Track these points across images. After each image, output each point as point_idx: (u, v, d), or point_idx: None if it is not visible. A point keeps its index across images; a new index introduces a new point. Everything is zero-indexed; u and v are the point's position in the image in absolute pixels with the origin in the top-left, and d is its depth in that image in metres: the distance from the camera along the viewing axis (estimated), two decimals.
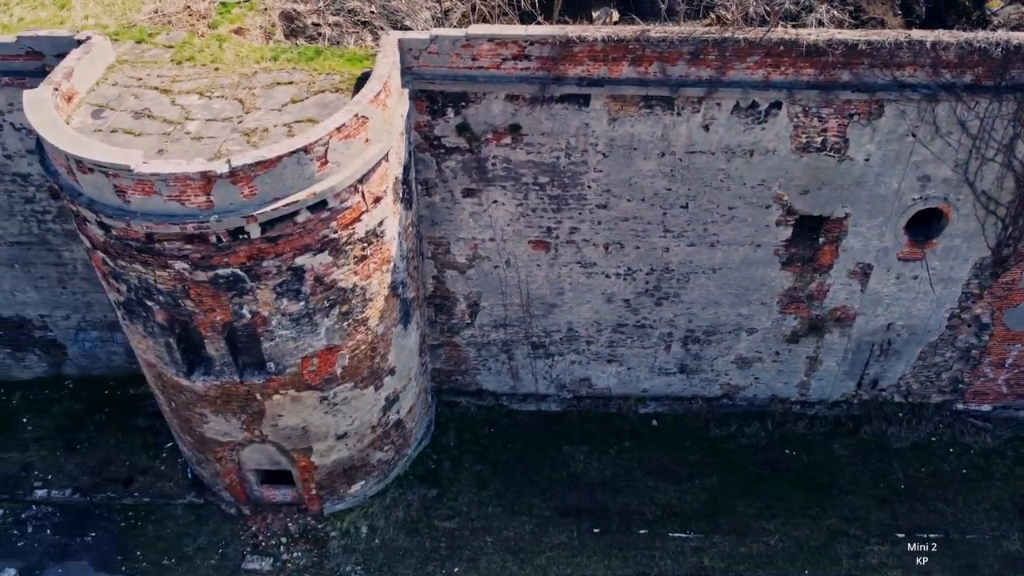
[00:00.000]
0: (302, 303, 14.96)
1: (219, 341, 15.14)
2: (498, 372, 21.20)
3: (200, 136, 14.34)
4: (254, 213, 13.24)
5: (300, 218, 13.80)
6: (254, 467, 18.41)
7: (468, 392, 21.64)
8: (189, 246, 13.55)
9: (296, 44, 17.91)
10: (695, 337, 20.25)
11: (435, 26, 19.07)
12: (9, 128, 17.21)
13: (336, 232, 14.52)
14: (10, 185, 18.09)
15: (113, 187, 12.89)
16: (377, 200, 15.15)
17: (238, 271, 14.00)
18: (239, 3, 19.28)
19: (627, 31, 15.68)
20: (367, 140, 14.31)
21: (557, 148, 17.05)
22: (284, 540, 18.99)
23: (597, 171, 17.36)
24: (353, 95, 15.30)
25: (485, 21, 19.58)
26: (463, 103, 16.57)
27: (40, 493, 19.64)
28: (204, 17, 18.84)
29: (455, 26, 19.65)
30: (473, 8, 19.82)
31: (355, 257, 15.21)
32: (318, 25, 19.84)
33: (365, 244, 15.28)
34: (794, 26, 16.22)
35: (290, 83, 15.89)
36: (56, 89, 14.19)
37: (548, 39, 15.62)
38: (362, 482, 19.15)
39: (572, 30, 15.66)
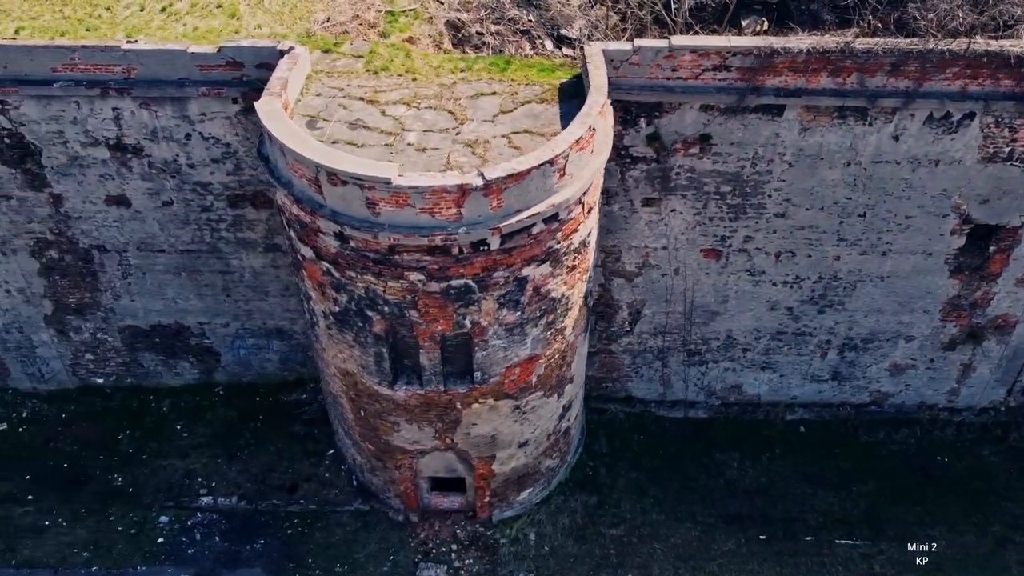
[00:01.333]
0: (518, 313, 15.05)
1: (434, 351, 15.22)
2: (650, 379, 21.28)
3: (423, 147, 14.44)
4: (499, 225, 13.32)
5: (535, 229, 13.89)
6: (429, 474, 18.49)
7: (617, 399, 21.71)
8: (429, 257, 13.63)
9: (480, 55, 17.97)
10: (852, 344, 20.35)
11: (588, 34, 19.26)
12: (197, 138, 17.26)
13: (559, 243, 14.61)
14: (189, 194, 18.15)
15: (365, 199, 12.96)
16: (589, 211, 15.25)
17: (470, 282, 14.08)
18: (404, 12, 19.39)
19: (830, 42, 15.76)
20: (592, 151, 14.40)
21: (744, 158, 17.14)
22: (455, 547, 19.06)
23: (780, 180, 17.45)
24: (560, 106, 15.43)
25: (639, 30, 19.74)
26: (656, 113, 16.66)
27: (205, 500, 19.71)
28: (373, 26, 18.92)
29: (608, 34, 19.83)
30: (623, 17, 19.96)
31: (567, 267, 15.30)
32: (481, 34, 19.98)
33: (576, 254, 15.38)
34: (992, 38, 16.29)
35: (493, 93, 16.00)
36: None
37: (752, 50, 15.72)
38: (530, 489, 19.24)
39: (776, 41, 15.75)
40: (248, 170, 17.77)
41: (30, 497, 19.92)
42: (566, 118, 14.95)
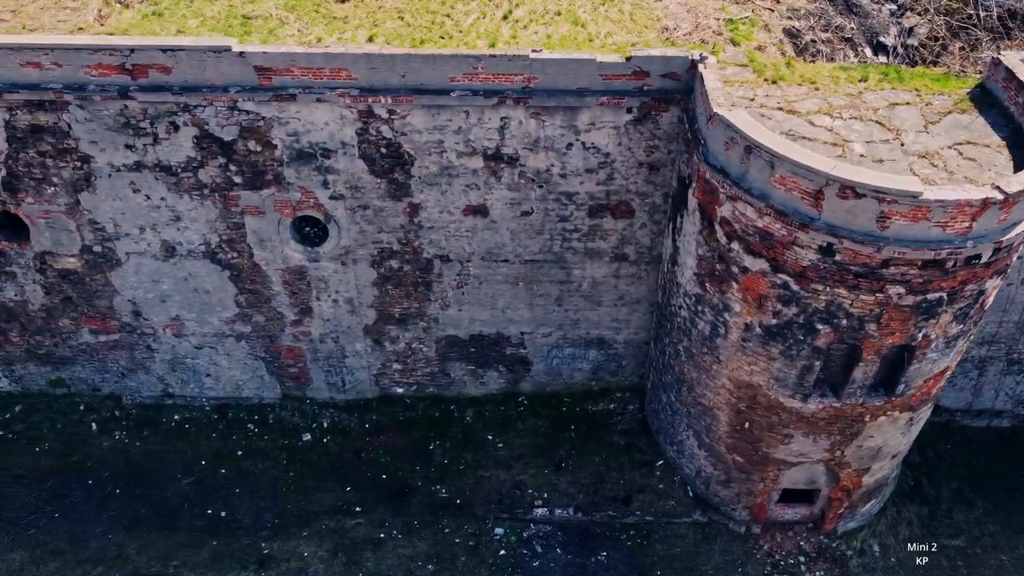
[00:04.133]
0: (961, 326, 14.91)
1: (873, 364, 15.08)
2: (961, 388, 21.14)
3: (879, 159, 14.29)
4: (1001, 239, 13.19)
5: (1017, 242, 13.76)
6: (786, 486, 18.34)
7: None
8: (917, 271, 13.48)
9: (864, 64, 17.88)
10: None
11: (903, 42, 19.25)
12: (579, 147, 17.10)
13: (1017, 255, 14.49)
14: (552, 204, 17.99)
15: (878, 213, 12.81)
16: None
17: (944, 295, 13.94)
18: (742, 20, 19.26)
19: None
20: None
21: None
22: (802, 559, 18.93)
23: None
24: (982, 116, 15.32)
25: (956, 37, 19.69)
26: None
27: (540, 512, 19.53)
28: (719, 34, 18.79)
29: (924, 42, 19.80)
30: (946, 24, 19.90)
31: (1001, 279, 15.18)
32: (815, 42, 19.88)
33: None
34: None
35: (907, 104, 15.85)
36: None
37: None
38: (873, 500, 19.12)
39: None
40: (619, 179, 17.63)
41: (358, 509, 19.73)
42: (998, 128, 14.88)
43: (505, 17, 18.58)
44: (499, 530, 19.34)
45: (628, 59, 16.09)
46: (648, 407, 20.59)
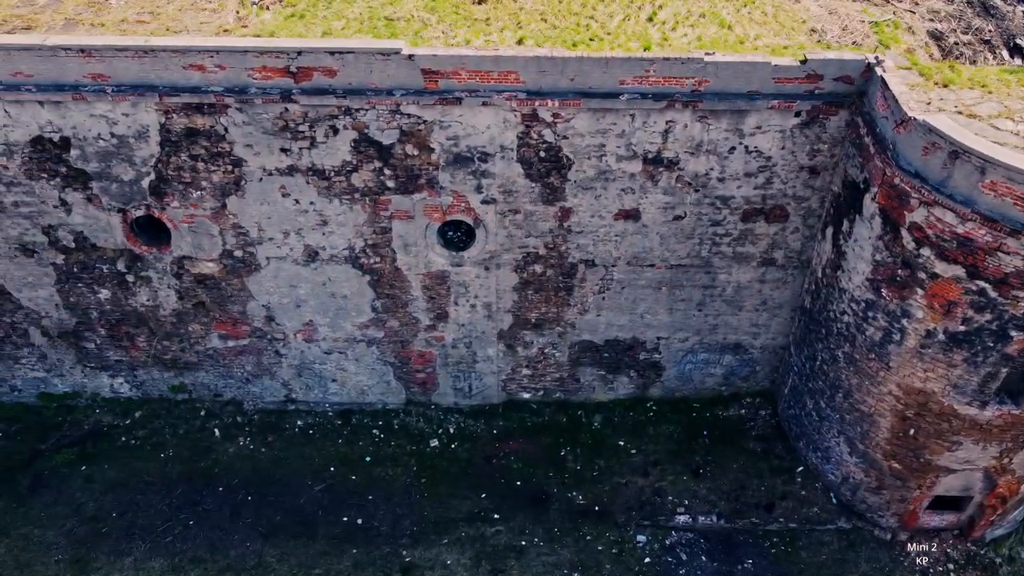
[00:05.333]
0: None
1: None
2: None
3: None
4: None
5: None
6: (940, 493, 18.15)
7: None
8: None
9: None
10: None
11: None
12: (741, 151, 16.91)
13: None
14: (706, 208, 17.79)
15: None
16: None
17: None
18: (887, 22, 19.07)
19: None
20: None
21: None
22: (951, 567, 18.73)
23: None
24: None
25: None
26: None
27: (682, 519, 19.33)
28: (867, 36, 18.60)
29: None
30: None
31: None
32: (958, 44, 19.71)
33: None
34: None
35: None
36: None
37: None
38: (1021, 507, 18.93)
39: None
40: (778, 183, 17.44)
41: (496, 516, 19.52)
42: None
43: (650, 19, 18.35)
44: (641, 537, 19.14)
45: (803, 62, 15.91)
46: (785, 412, 20.39)
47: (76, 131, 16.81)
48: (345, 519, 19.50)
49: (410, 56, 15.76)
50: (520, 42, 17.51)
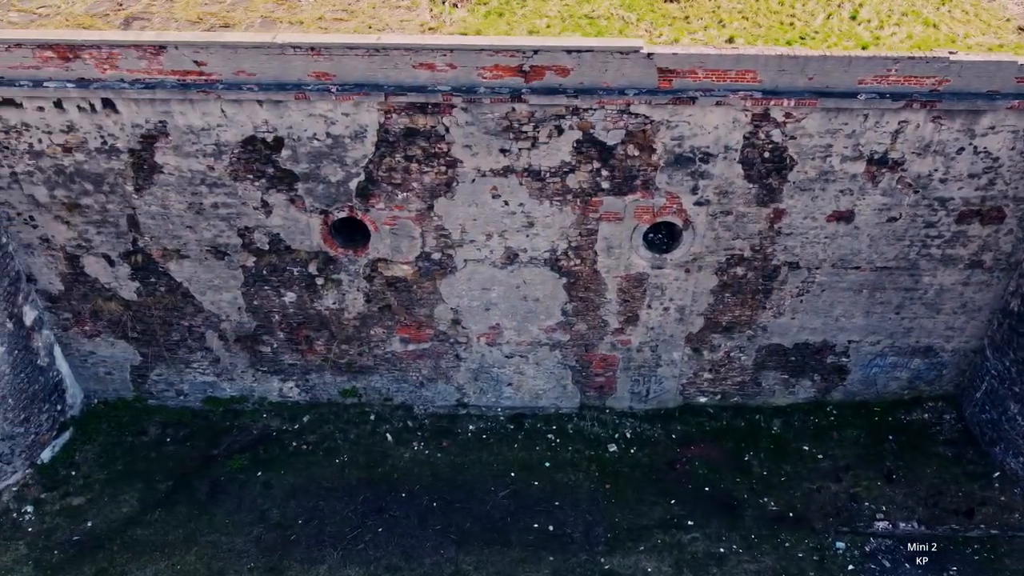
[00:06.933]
0: None
1: None
2: None
3: None
4: None
5: None
6: None
7: None
8: None
9: None
10: None
11: None
12: (969, 152, 16.60)
13: None
14: (922, 209, 17.49)
15: None
16: None
17: None
18: None
19: None
20: None
21: None
22: None
23: None
24: None
25: None
26: None
27: (881, 525, 19.01)
28: None
29: None
30: None
31: None
32: None
33: None
34: None
35: None
36: None
37: None
38: None
39: None
40: (1000, 184, 17.15)
41: (690, 523, 19.20)
42: None
43: (853, 17, 18.04)
44: (840, 544, 18.81)
45: None
46: (977, 416, 20.09)
47: (291, 131, 16.47)
48: (535, 525, 19.16)
49: (649, 55, 15.43)
50: (731, 40, 17.22)
